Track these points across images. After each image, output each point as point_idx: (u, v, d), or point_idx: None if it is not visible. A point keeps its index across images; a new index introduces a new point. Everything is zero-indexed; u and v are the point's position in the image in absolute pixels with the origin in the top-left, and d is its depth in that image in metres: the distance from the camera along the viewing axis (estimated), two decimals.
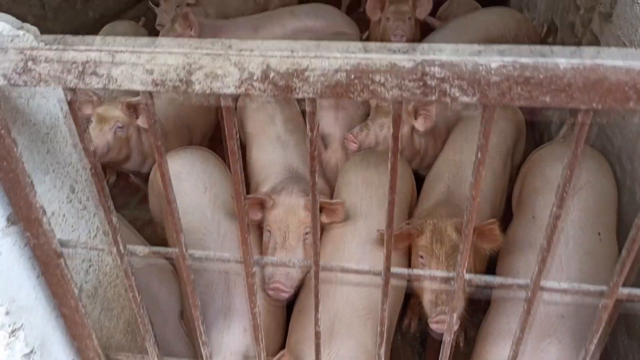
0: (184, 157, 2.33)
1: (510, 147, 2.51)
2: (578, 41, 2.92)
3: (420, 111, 2.51)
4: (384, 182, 2.19)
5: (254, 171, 2.56)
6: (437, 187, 2.24)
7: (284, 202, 2.07)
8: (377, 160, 2.31)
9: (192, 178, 2.22)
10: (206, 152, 2.45)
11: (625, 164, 2.14)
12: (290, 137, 2.61)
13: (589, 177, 2.04)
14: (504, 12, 3.46)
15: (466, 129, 2.52)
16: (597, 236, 1.86)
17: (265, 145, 2.59)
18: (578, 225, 1.88)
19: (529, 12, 3.93)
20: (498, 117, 2.52)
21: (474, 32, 3.27)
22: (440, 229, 1.86)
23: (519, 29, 3.37)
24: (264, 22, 3.66)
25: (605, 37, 2.50)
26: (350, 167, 2.36)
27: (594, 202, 1.96)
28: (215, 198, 2.16)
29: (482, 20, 3.35)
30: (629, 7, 2.26)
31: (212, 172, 2.28)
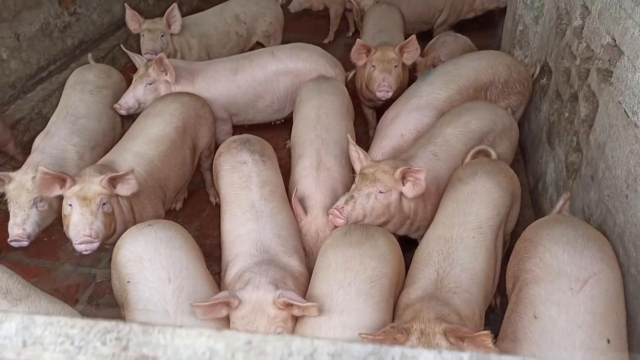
0: (148, 238, 2.13)
1: (503, 218, 2.32)
2: (574, 93, 2.75)
3: (408, 177, 2.34)
4: (366, 265, 2.01)
5: (225, 245, 2.37)
6: (426, 271, 2.05)
7: (250, 300, 1.90)
8: (360, 238, 2.12)
9: (155, 266, 2.02)
10: (172, 229, 2.24)
11: (630, 248, 1.97)
12: (265, 205, 2.42)
13: (594, 267, 1.85)
14: (493, 57, 3.28)
15: (457, 199, 2.33)
16: (606, 344, 1.68)
17: (237, 216, 2.40)
18: (585, 331, 1.69)
19: (521, 50, 3.77)
20: (492, 186, 2.34)
21: (462, 81, 3.10)
22: (427, 336, 1.70)
23: (509, 74, 3.20)
24: (243, 64, 3.48)
25: (604, 99, 2.33)
26: (331, 245, 2.17)
27: (601, 299, 1.78)
28: (179, 291, 1.96)
29: (470, 66, 3.17)
30: (630, 72, 2.09)
31: (177, 257, 2.08)
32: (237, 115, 3.54)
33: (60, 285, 2.98)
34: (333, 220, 2.26)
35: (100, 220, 2.28)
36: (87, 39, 5.31)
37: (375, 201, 2.31)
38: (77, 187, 2.27)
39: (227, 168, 2.62)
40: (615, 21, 2.30)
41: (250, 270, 2.06)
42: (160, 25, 3.88)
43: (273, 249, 2.22)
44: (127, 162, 2.58)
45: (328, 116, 2.93)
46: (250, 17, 4.36)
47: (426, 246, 2.19)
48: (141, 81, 3.26)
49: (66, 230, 2.33)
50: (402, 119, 2.99)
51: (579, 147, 2.64)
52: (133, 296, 1.98)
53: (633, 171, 1.99)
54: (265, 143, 2.85)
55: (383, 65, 3.27)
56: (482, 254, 2.12)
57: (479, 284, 2.03)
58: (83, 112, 3.11)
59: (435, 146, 2.67)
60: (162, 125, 2.84)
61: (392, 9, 4.39)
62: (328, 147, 2.75)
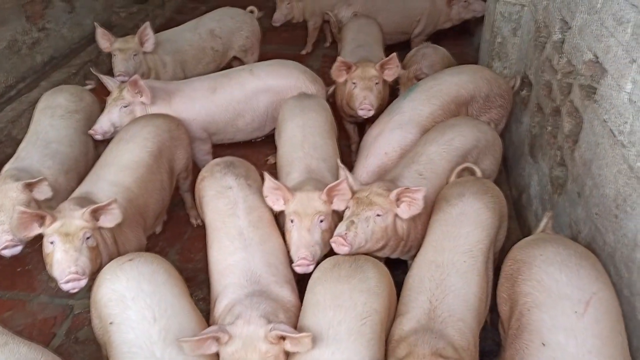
0: (129, 275, 2.04)
1: (493, 239, 2.30)
2: (556, 108, 2.76)
3: (403, 197, 2.31)
4: (356, 300, 1.94)
5: (214, 276, 2.28)
6: (419, 300, 2.01)
7: (241, 335, 1.83)
8: (349, 271, 2.06)
9: (139, 305, 1.93)
10: (155, 263, 2.15)
11: (621, 269, 1.96)
12: (253, 233, 2.35)
13: (592, 287, 1.84)
14: (473, 71, 3.27)
15: (446, 221, 2.30)
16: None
17: (225, 245, 2.32)
18: (596, 357, 1.66)
19: (500, 61, 3.78)
20: (480, 207, 2.32)
21: (444, 96, 3.08)
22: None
23: (490, 88, 3.19)
24: (221, 82, 3.39)
25: (589, 117, 2.33)
26: (319, 279, 2.10)
27: (605, 321, 1.76)
28: (166, 331, 1.87)
29: (452, 82, 3.15)
30: (615, 91, 2.09)
31: (162, 294, 1.99)
32: (217, 135, 3.45)
33: (36, 319, 2.85)
34: (338, 249, 2.19)
35: (86, 255, 2.18)
36: (58, 54, 5.16)
37: (374, 225, 2.27)
38: (57, 223, 2.17)
39: (212, 194, 2.54)
40: (597, 38, 2.31)
41: (240, 303, 1.99)
42: (132, 44, 3.75)
43: (264, 279, 2.15)
44: (103, 192, 2.48)
45: (314, 135, 2.89)
46: (226, 32, 4.26)
47: (417, 272, 2.15)
48: (115, 104, 3.16)
49: (49, 270, 2.23)
50: (385, 137, 2.96)
51: (564, 162, 2.64)
52: (117, 338, 1.89)
53: (622, 191, 1.98)
54: (249, 166, 2.78)
55: (364, 82, 3.24)
56: (474, 278, 2.09)
57: (472, 311, 2.00)
58: (54, 137, 3.00)
59: (420, 165, 2.64)
60: (136, 151, 2.75)
61: (371, 23, 4.36)
62: (318, 164, 2.73)
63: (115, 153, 2.74)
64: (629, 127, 1.96)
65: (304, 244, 2.27)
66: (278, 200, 2.40)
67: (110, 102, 3.19)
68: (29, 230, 2.21)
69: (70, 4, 5.28)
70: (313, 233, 2.30)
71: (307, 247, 2.26)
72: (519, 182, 3.33)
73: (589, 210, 2.27)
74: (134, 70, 3.70)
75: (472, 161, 2.74)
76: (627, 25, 2.02)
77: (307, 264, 2.23)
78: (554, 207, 2.68)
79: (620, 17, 2.09)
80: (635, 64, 1.94)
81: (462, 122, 2.89)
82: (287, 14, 5.02)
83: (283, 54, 4.66)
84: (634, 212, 1.89)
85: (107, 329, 1.96)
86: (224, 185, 2.54)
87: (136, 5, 6.09)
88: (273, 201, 2.42)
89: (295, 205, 2.34)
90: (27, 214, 2.16)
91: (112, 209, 2.28)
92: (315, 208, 2.32)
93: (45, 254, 2.25)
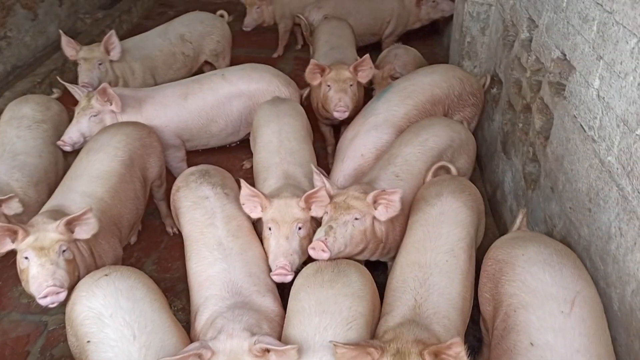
0: (106, 291, 1.97)
1: (473, 237, 2.32)
2: (527, 105, 2.81)
3: (380, 200, 2.31)
4: (341, 305, 1.94)
5: (194, 288, 2.23)
6: (403, 299, 2.01)
7: (224, 350, 1.78)
8: (332, 276, 2.05)
9: (117, 322, 1.87)
10: (132, 277, 2.09)
11: (597, 261, 2.00)
12: (233, 242, 2.31)
13: (575, 286, 1.87)
14: (446, 71, 3.32)
15: (426, 221, 2.31)
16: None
17: (204, 256, 2.27)
18: (584, 355, 1.69)
19: (470, 60, 3.83)
20: (459, 206, 2.34)
21: (418, 96, 3.11)
22: (403, 354, 1.68)
23: (462, 87, 3.24)
24: (193, 88, 3.34)
25: (559, 113, 2.38)
26: (302, 286, 2.08)
27: (591, 319, 1.79)
28: (146, 348, 1.82)
29: (425, 82, 3.18)
30: (583, 88, 2.14)
31: (141, 310, 1.94)
32: (190, 141, 3.40)
33: (8, 337, 2.75)
34: (316, 255, 2.16)
35: (63, 268, 2.10)
36: (21, 63, 5.01)
37: (353, 228, 2.27)
38: (30, 238, 2.09)
39: (188, 205, 2.49)
40: (564, 36, 2.36)
41: (222, 316, 1.94)
42: (98, 53, 3.66)
43: (245, 290, 2.12)
44: (76, 204, 2.41)
45: (290, 140, 2.87)
46: (196, 36, 4.21)
47: (400, 273, 2.15)
48: (84, 113, 3.08)
49: (26, 286, 2.13)
50: (361, 138, 2.96)
51: (536, 157, 2.69)
52: (95, 357, 1.83)
53: (594, 185, 2.03)
54: (225, 173, 2.74)
55: (338, 85, 3.24)
56: (458, 277, 2.11)
57: (457, 309, 2.01)
58: (22, 148, 2.91)
59: (396, 167, 2.66)
60: (107, 160, 2.68)
61: (343, 25, 4.37)
62: (295, 169, 2.70)
63: (85, 164, 2.67)
64: (598, 122, 2.01)
65: (282, 253, 2.24)
66: (255, 208, 2.37)
67: (79, 112, 3.11)
68: (1, 246, 2.12)
69: (33, 11, 5.13)
70: (291, 241, 2.28)
71: (285, 256, 2.23)
72: (492, 178, 3.38)
73: (563, 204, 2.31)
74: (98, 80, 3.62)
75: (447, 160, 2.76)
76: (593, 23, 2.07)
77: (285, 273, 2.20)
78: (528, 203, 2.72)
79: (586, 16, 2.14)
80: (602, 60, 1.99)
81: (435, 123, 2.92)
82: (257, 18, 4.99)
83: (254, 57, 4.61)
84: (607, 205, 1.94)
85: (84, 347, 1.90)
86: (200, 196, 2.49)
87: (102, 11, 5.96)
88: (250, 209, 2.38)
89: (273, 213, 2.31)
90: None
91: (87, 219, 2.22)
92: (293, 215, 2.30)
93: (20, 271, 2.16)
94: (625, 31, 1.81)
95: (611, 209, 1.91)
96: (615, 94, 1.88)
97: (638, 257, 1.73)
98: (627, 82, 1.80)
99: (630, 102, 1.77)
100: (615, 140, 1.88)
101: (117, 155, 2.73)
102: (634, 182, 1.75)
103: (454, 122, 3.02)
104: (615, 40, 1.88)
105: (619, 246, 1.85)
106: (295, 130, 2.95)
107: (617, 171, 1.86)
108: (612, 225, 1.90)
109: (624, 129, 1.82)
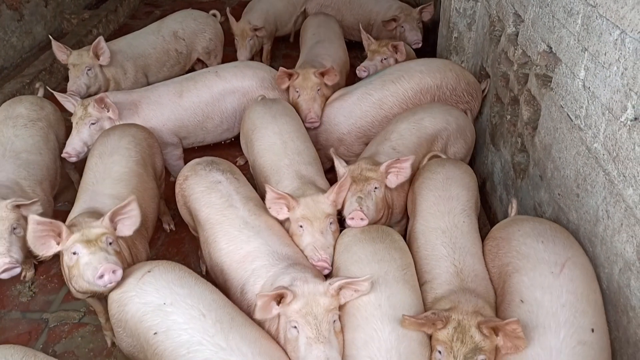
0: (157, 285, 2.02)
1: (477, 202, 2.52)
2: (514, 97, 2.91)
3: (391, 169, 2.51)
4: (394, 255, 2.14)
5: (232, 267, 2.25)
6: (442, 266, 2.14)
7: (303, 293, 1.92)
8: (379, 234, 2.27)
9: (181, 308, 1.94)
10: (177, 269, 2.12)
11: (585, 244, 2.10)
12: (257, 220, 2.38)
13: (567, 252, 1.98)
14: (442, 63, 3.44)
15: (435, 186, 2.48)
16: (588, 320, 1.80)
17: (234, 235, 2.31)
18: (569, 310, 1.80)
19: (457, 55, 3.92)
20: (462, 172, 2.53)
21: (411, 83, 3.26)
22: (464, 328, 1.80)
23: (457, 82, 3.33)
24: (187, 86, 3.38)
25: (546, 103, 2.48)
26: (353, 241, 2.27)
27: (580, 279, 1.90)
28: (220, 323, 1.88)
29: (417, 69, 3.32)
30: (569, 79, 2.24)
31: (199, 292, 2.01)
32: (187, 139, 3.44)
33: (10, 335, 2.77)
34: (356, 223, 2.32)
35: (113, 255, 2.09)
36: (8, 64, 4.99)
37: (375, 197, 2.46)
38: (76, 235, 2.08)
39: (202, 189, 2.51)
40: (549, 30, 2.46)
41: (285, 274, 2.06)
42: (87, 59, 3.64)
43: (291, 255, 2.23)
44: (107, 206, 2.37)
45: (293, 140, 2.87)
46: (189, 34, 4.25)
47: (425, 240, 2.29)
48: (84, 123, 3.08)
49: (77, 281, 2.10)
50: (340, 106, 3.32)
51: (525, 148, 2.79)
52: (168, 346, 1.86)
53: (582, 171, 2.13)
54: (230, 163, 2.78)
55: (306, 92, 3.30)
56: (476, 236, 2.29)
57: (484, 265, 2.18)
58: (22, 147, 2.90)
59: (392, 141, 2.83)
60: (123, 162, 2.67)
61: (329, 19, 4.49)
62: (307, 169, 2.72)
63: (103, 168, 2.64)
64: (584, 111, 2.11)
65: (321, 246, 2.31)
66: (282, 209, 2.42)
67: (78, 122, 3.10)
68: (47, 248, 2.10)
69: (19, 11, 5.11)
70: (326, 235, 2.35)
71: (324, 249, 2.30)
72: (482, 170, 3.47)
73: (552, 191, 2.41)
74: (86, 87, 3.64)
75: (443, 143, 2.95)
76: (577, 16, 2.17)
77: (326, 266, 2.28)
78: (517, 192, 2.82)
79: (570, 9, 2.23)
80: (587, 52, 2.08)
81: (434, 106, 3.09)
82: (251, 49, 4.49)
83: None
84: (594, 189, 2.04)
85: (149, 341, 1.92)
86: (212, 181, 2.53)
87: (88, 11, 5.94)
88: (277, 211, 2.42)
89: (303, 210, 2.36)
90: (42, 225, 2.05)
91: (131, 210, 2.22)
92: (324, 211, 2.37)
93: (68, 269, 2.13)
94: (608, 24, 1.91)
95: (598, 193, 2.01)
96: (600, 83, 1.97)
97: (624, 237, 1.83)
98: (611, 72, 1.90)
99: (615, 90, 1.87)
100: (601, 127, 1.98)
101: (130, 156, 2.73)
102: (620, 167, 1.85)
103: (454, 108, 3.15)
104: (599, 33, 1.98)
105: (607, 228, 1.95)
106: (295, 130, 2.96)
107: (603, 157, 1.96)
108: (599, 208, 2.00)
109: (609, 116, 1.91)
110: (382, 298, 1.96)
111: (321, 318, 1.88)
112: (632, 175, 1.78)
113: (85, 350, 2.71)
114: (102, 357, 2.68)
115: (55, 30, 5.66)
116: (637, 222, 1.75)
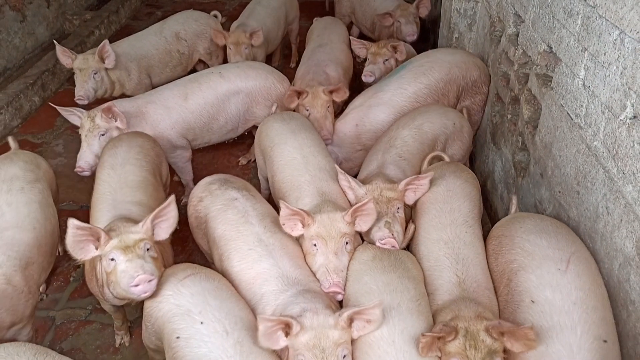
0: (193, 290, 2.00)
1: (480, 209, 2.51)
2: (515, 97, 2.94)
3: (409, 186, 2.49)
4: (407, 285, 2.06)
5: (241, 287, 2.18)
6: (444, 276, 2.14)
7: (312, 325, 1.85)
8: (392, 262, 2.18)
9: (208, 319, 1.91)
10: (217, 279, 2.12)
11: (586, 241, 2.14)
12: (272, 238, 2.28)
13: (570, 248, 2.01)
14: (467, 55, 3.48)
15: (436, 199, 2.46)
16: (600, 316, 1.82)
17: (246, 253, 2.23)
18: (580, 307, 1.82)
19: None
20: (462, 182, 2.51)
21: (434, 74, 3.29)
22: (472, 334, 1.80)
23: (479, 74, 3.38)
24: (192, 88, 3.39)
25: (546, 103, 2.52)
26: (363, 270, 2.18)
27: (586, 274, 1.92)
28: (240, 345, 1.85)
29: (445, 59, 3.35)
30: (569, 78, 2.28)
31: (229, 308, 1.97)
32: (194, 140, 3.46)
33: None
34: (388, 247, 2.29)
35: (150, 262, 2.07)
36: (11, 65, 5.02)
37: (400, 218, 2.44)
38: (114, 240, 2.06)
39: (218, 208, 2.43)
40: (549, 30, 2.50)
41: (294, 303, 1.98)
42: (93, 63, 3.64)
43: (302, 280, 2.14)
44: (134, 213, 2.36)
45: (315, 155, 2.75)
46: (190, 34, 4.28)
47: (428, 252, 2.28)
48: (92, 135, 3.04)
49: (115, 287, 2.08)
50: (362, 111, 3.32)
51: (525, 146, 2.83)
52: (187, 353, 1.86)
53: (582, 169, 2.17)
54: (243, 180, 2.72)
55: (317, 110, 3.29)
56: (480, 245, 2.28)
57: (488, 276, 2.17)
58: (11, 220, 2.40)
59: (397, 149, 2.85)
60: (137, 171, 2.64)
61: (336, 22, 4.54)
62: (329, 185, 2.61)
63: (117, 179, 2.58)
64: (584, 110, 2.15)
65: (333, 269, 2.19)
66: (296, 226, 2.31)
67: (87, 134, 3.05)
68: (85, 252, 2.09)
69: (21, 12, 5.14)
70: (341, 257, 2.24)
71: (337, 273, 2.18)
72: (483, 169, 3.51)
73: (552, 189, 2.45)
74: (93, 91, 3.65)
75: (442, 145, 2.97)
76: (577, 17, 2.21)
77: (338, 291, 2.16)
78: (518, 190, 2.86)
79: (570, 10, 2.27)
80: (587, 52, 2.12)
81: (431, 109, 3.10)
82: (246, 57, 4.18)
83: None
84: (594, 186, 2.08)
85: (171, 344, 1.93)
86: (228, 198, 2.45)
87: (90, 12, 5.98)
88: (291, 227, 2.31)
89: (318, 228, 2.25)
90: (81, 230, 2.04)
91: (170, 212, 2.19)
92: (339, 230, 2.25)
93: (106, 275, 2.12)
94: (607, 24, 1.95)
95: (598, 190, 2.05)
96: (600, 82, 2.01)
97: (624, 233, 1.87)
98: (610, 71, 1.94)
99: (614, 89, 1.91)
100: (601, 126, 2.02)
101: (142, 165, 2.70)
102: (619, 164, 1.89)
103: (449, 109, 3.16)
104: (599, 33, 2.02)
105: (606, 224, 1.99)
106: (315, 144, 2.84)
107: (603, 155, 2.00)
108: (599, 205, 2.04)
109: (609, 115, 1.95)
110: (395, 333, 1.88)
111: (329, 352, 1.81)
112: (631, 172, 1.81)
113: (92, 347, 2.75)
114: (109, 354, 2.71)
115: (57, 31, 5.69)
116: (637, 218, 1.79)
